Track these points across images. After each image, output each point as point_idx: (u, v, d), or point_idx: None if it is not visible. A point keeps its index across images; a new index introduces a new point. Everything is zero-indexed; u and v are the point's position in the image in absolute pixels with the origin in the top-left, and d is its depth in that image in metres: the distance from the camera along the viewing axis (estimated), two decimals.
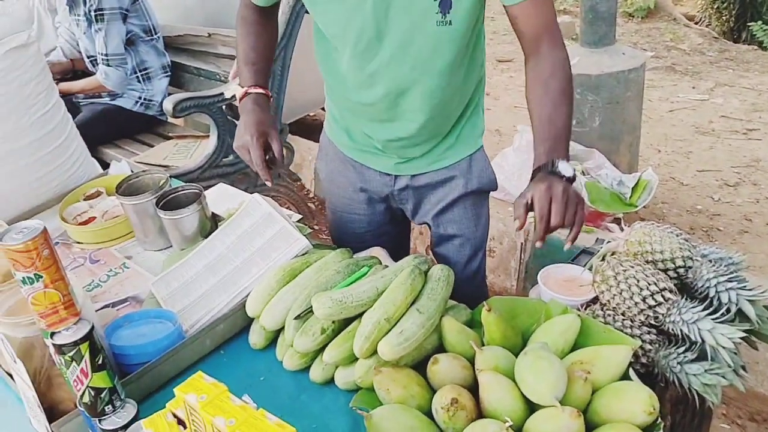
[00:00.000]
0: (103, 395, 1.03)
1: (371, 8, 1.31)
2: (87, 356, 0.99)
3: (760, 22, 7.49)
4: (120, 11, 2.92)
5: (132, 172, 1.96)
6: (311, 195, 3.64)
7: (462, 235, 1.66)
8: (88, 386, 1.01)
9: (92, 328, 1.00)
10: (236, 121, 2.80)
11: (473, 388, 1.10)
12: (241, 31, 1.60)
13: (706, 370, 1.16)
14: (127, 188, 1.73)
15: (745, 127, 4.35)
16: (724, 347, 1.16)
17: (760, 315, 1.24)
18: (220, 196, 1.92)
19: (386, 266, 1.41)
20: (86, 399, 1.02)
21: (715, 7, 8.18)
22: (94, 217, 1.80)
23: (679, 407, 1.34)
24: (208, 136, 2.85)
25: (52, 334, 1.00)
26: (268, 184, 1.51)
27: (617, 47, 3.04)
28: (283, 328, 1.32)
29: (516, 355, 1.19)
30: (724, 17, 8.12)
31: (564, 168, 1.25)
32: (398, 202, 1.70)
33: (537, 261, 2.51)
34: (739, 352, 1.24)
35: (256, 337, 1.37)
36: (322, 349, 1.25)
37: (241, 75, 1.58)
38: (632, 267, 1.27)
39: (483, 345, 1.19)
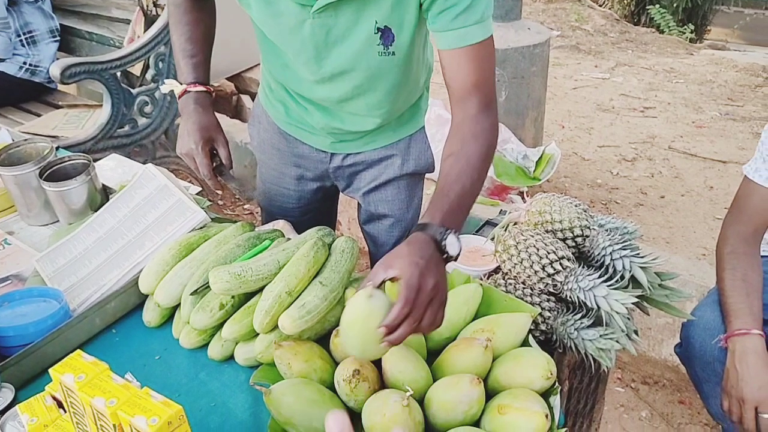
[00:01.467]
0: None
1: (309, 34, 1.23)
2: None
3: (657, 6, 7.88)
4: None
5: (13, 141, 1.82)
6: None
7: (393, 215, 1.62)
8: None
9: None
10: (131, 90, 2.70)
11: (377, 360, 1.09)
12: (174, 20, 1.45)
13: (601, 336, 1.19)
14: (6, 158, 1.60)
15: (642, 105, 4.56)
16: (618, 312, 1.20)
17: (652, 281, 1.29)
18: (114, 168, 1.81)
19: (289, 239, 1.37)
20: None
21: None
22: None
23: (576, 372, 1.38)
24: (101, 105, 2.68)
25: None
26: (219, 192, 1.40)
27: (523, 22, 3.08)
28: (179, 304, 1.26)
29: None
30: (625, 1, 8.48)
31: (451, 244, 1.05)
32: (332, 179, 1.63)
33: None
34: (632, 317, 1.29)
35: (150, 315, 1.30)
36: (220, 326, 1.21)
37: (179, 69, 1.44)
38: (532, 236, 1.29)
39: None
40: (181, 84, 1.42)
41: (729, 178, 3.45)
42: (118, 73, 2.57)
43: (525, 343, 1.13)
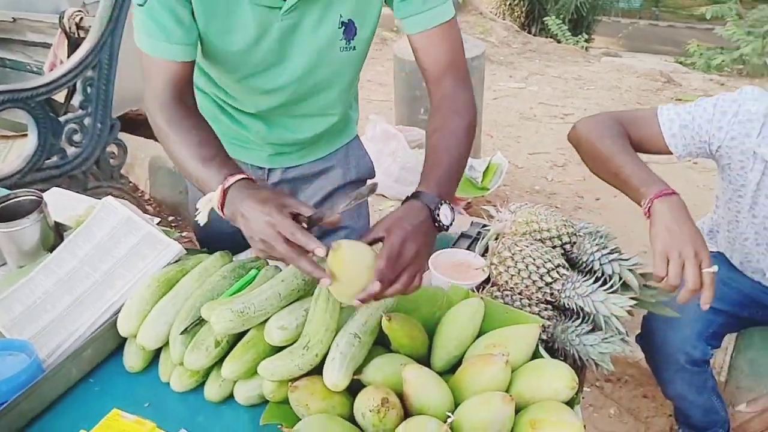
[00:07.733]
0: None
1: (277, 36, 1.23)
2: None
3: (553, 17, 8.26)
4: None
5: None
6: (147, 197, 3.35)
7: (348, 226, 1.59)
8: None
9: None
10: (59, 118, 2.52)
11: (398, 386, 1.05)
12: (172, 139, 1.20)
13: (602, 340, 1.20)
14: None
15: (561, 111, 4.74)
16: (617, 317, 1.21)
17: (639, 283, 1.32)
18: (58, 202, 1.67)
19: (275, 266, 1.31)
20: None
21: (507, 3, 8.91)
22: None
23: None
24: (23, 135, 2.50)
25: None
26: (331, 246, 1.04)
27: None
28: (165, 345, 1.17)
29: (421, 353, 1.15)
30: (515, 13, 8.87)
31: (445, 215, 1.10)
32: None
33: None
34: (623, 320, 1.31)
35: (132, 359, 1.20)
36: (215, 364, 1.13)
37: (203, 182, 1.15)
38: (527, 246, 1.29)
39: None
40: (216, 189, 1.12)
41: None
42: (43, 100, 2.40)
43: (536, 354, 1.12)
